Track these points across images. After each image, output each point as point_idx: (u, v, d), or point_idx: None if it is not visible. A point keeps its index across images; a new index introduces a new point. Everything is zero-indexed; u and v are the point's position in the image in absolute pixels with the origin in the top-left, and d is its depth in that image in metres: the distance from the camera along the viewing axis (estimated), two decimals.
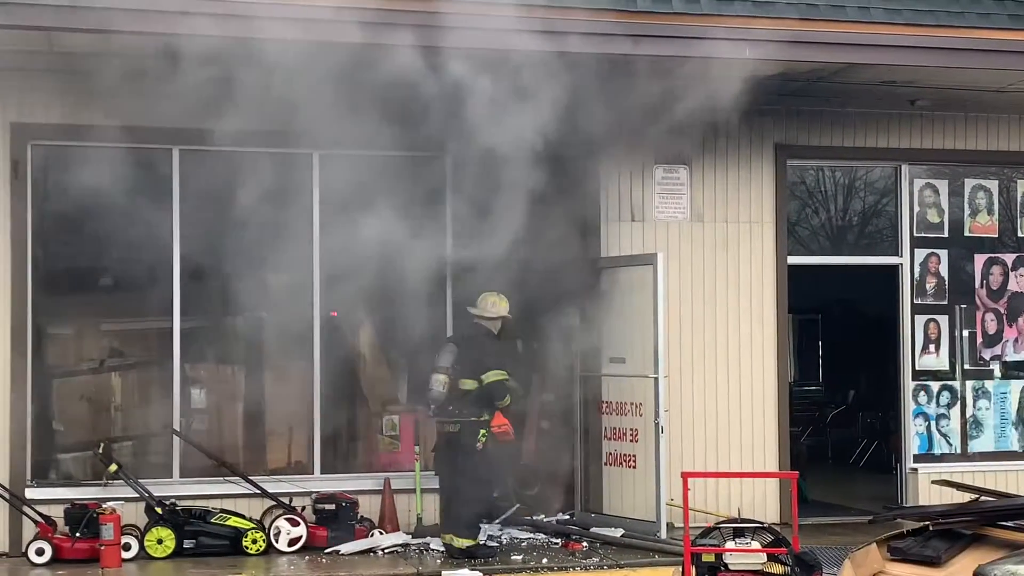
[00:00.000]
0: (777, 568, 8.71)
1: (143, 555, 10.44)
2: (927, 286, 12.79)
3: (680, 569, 8.59)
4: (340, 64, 9.04)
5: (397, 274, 11.21)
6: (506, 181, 10.21)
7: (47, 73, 10.58)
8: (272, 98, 9.44)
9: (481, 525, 10.95)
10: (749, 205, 12.28)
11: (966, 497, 10.89)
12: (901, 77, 11.39)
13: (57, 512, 10.52)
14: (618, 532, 11.20)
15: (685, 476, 9.01)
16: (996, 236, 13.11)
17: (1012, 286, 13.10)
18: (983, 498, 10.51)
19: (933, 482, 11.66)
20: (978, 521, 9.73)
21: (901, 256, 12.80)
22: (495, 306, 10.83)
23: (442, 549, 10.74)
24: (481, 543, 10.66)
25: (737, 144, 12.22)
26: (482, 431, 10.52)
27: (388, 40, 9.29)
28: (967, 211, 13.01)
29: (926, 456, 12.71)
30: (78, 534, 10.29)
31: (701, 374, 12.02)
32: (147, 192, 10.98)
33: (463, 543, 10.48)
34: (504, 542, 11.16)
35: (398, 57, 9.23)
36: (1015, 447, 13.01)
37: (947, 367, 12.86)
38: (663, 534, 10.92)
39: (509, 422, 10.61)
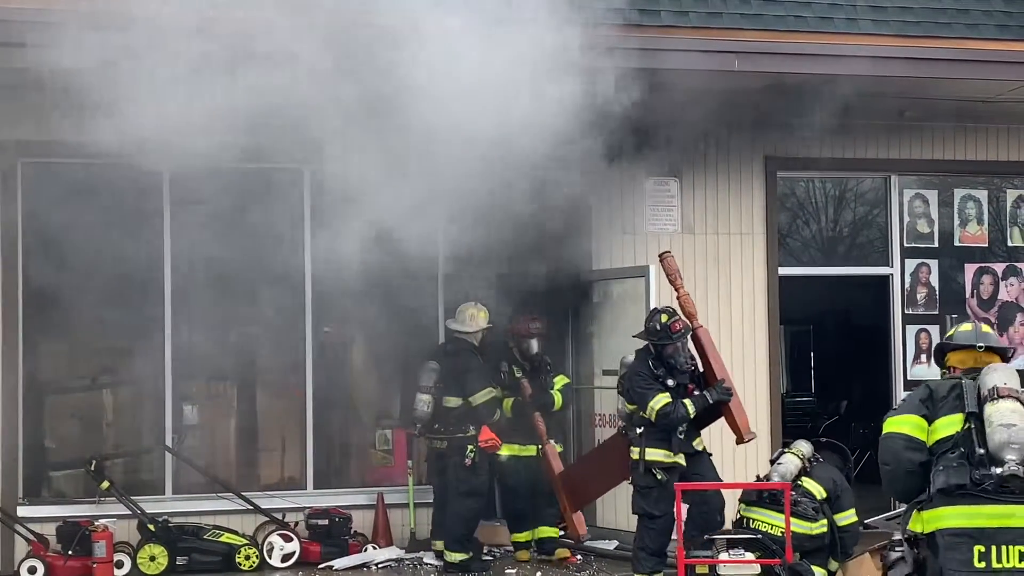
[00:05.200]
0: None
1: (136, 572, 10.41)
2: (918, 296, 12.82)
3: None
4: None
5: (388, 288, 11.23)
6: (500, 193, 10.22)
7: (36, 90, 10.56)
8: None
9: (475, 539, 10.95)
10: (740, 217, 12.29)
11: None
12: (890, 88, 11.42)
13: (49, 530, 10.50)
14: (612, 545, 11.19)
15: (678, 488, 9.02)
16: (986, 246, 13.13)
17: (1003, 295, 13.12)
18: None
19: None
20: None
21: (892, 266, 12.82)
22: (474, 319, 10.84)
23: (436, 563, 10.74)
24: (475, 557, 10.64)
25: (727, 156, 12.24)
26: (470, 447, 10.51)
27: None
28: (957, 221, 13.03)
29: None
30: (71, 552, 10.25)
31: None
32: (138, 209, 10.98)
33: (457, 557, 10.47)
34: (498, 555, 11.16)
35: None
36: None
37: (939, 377, 12.84)
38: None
39: (496, 435, 10.58)
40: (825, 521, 9.07)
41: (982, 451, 5.89)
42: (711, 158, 12.18)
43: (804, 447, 9.48)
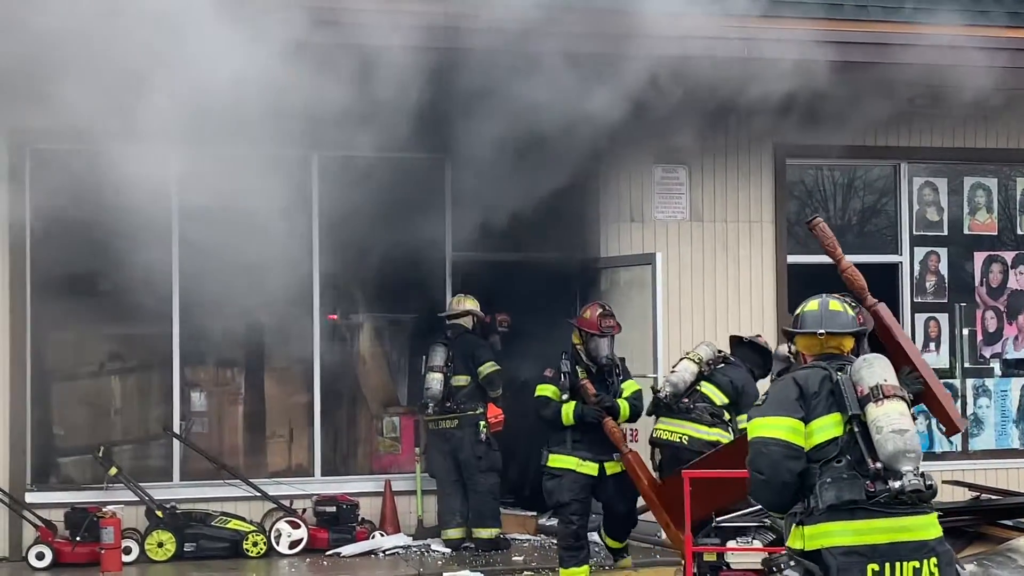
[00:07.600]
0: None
1: (144, 559, 10.42)
2: (927, 284, 12.78)
3: (681, 568, 8.58)
4: None
5: (397, 276, 11.24)
6: (508, 182, 10.21)
7: (46, 76, 10.54)
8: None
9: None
10: (748, 205, 12.26)
11: (968, 496, 10.93)
12: (899, 75, 11.36)
13: (57, 516, 10.51)
14: None
15: (686, 475, 8.99)
16: (995, 234, 13.09)
17: (1012, 284, 13.08)
18: (983, 496, 10.53)
19: (944, 482, 11.69)
20: (979, 520, 9.76)
21: (901, 254, 12.78)
22: (461, 303, 11.14)
23: (444, 550, 10.77)
24: (502, 531, 10.91)
25: (736, 144, 12.20)
26: (481, 423, 10.81)
27: None
28: (966, 209, 12.99)
29: (927, 454, 12.61)
30: (78, 538, 10.27)
31: None
32: (147, 196, 10.94)
33: (493, 532, 10.75)
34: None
35: None
36: (1016, 445, 12.99)
37: (947, 365, 12.84)
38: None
39: (502, 411, 10.88)
40: (720, 429, 9.14)
41: (878, 465, 5.18)
42: (720, 146, 12.14)
43: (703, 351, 9.58)
